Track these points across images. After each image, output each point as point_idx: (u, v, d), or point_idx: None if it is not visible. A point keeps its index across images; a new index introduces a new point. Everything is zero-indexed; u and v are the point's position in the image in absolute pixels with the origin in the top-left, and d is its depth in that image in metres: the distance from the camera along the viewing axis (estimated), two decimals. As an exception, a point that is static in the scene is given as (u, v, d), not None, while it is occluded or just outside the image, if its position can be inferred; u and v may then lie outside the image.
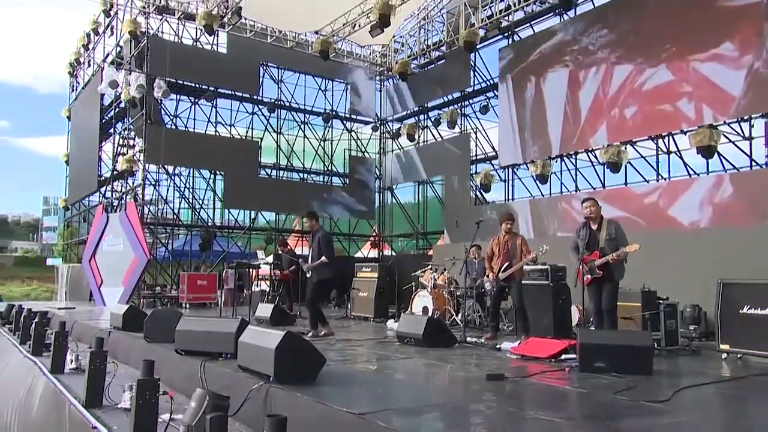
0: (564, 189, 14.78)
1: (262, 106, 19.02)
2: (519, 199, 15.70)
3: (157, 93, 15.65)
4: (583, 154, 14.13)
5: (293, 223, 20.84)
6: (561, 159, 14.57)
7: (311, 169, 20.23)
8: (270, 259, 13.14)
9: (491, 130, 17.18)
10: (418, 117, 19.48)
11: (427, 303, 9.68)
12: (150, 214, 17.36)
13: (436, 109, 18.78)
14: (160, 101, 16.84)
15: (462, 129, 17.83)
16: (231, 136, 18.57)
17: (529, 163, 14.89)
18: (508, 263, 7.64)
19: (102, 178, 18.79)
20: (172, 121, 17.75)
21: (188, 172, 18.58)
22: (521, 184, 16.05)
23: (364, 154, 21.12)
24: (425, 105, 19.04)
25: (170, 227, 18.18)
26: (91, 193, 20.28)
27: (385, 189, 20.74)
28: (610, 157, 12.76)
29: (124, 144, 18.35)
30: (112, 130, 19.21)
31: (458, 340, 7.04)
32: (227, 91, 18.33)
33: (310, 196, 19.37)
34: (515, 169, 16.11)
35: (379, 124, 20.75)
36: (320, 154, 20.37)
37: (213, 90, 17.67)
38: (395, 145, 20.24)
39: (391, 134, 20.30)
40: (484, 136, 17.53)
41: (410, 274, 11.03)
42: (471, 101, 17.78)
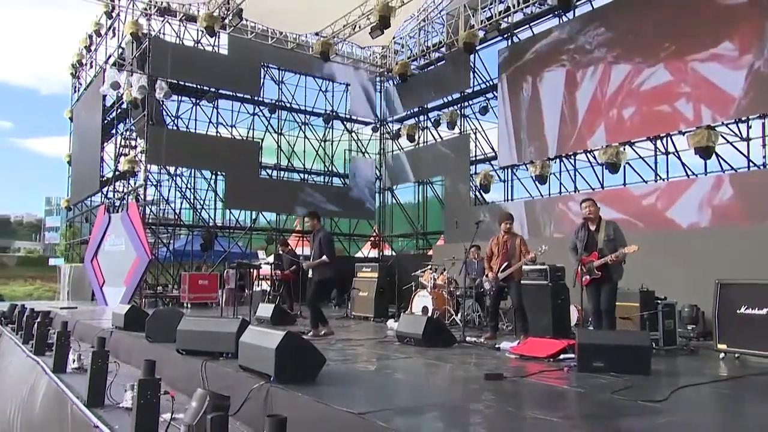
0: (563, 190, 14.78)
1: (263, 107, 19.03)
2: (518, 200, 15.71)
3: (158, 94, 15.68)
4: (582, 155, 14.11)
5: (294, 224, 20.89)
6: (560, 160, 14.56)
7: (312, 170, 20.27)
8: (271, 259, 13.17)
9: (491, 131, 17.24)
10: (418, 118, 19.49)
11: (427, 303, 9.71)
12: (151, 215, 17.40)
13: (435, 110, 18.78)
14: (161, 102, 16.86)
15: (461, 130, 17.85)
16: (232, 136, 18.59)
17: (528, 163, 14.90)
18: (507, 263, 7.66)
19: (104, 178, 18.85)
20: (174, 122, 17.77)
21: (189, 173, 18.59)
22: (521, 185, 16.11)
23: (364, 155, 21.16)
24: (425, 106, 19.04)
25: (172, 227, 18.19)
26: (93, 194, 20.39)
27: (385, 189, 20.74)
28: (609, 158, 12.75)
29: (126, 145, 18.41)
30: (114, 130, 19.32)
31: (457, 340, 7.06)
32: (228, 92, 18.34)
33: (311, 196, 19.40)
34: (514, 170, 16.12)
35: (379, 125, 20.76)
36: (321, 154, 20.39)
37: (214, 91, 17.68)
38: (395, 146, 20.26)
39: (391, 135, 20.30)
40: (483, 137, 17.59)
41: (410, 274, 11.07)
42: (470, 102, 17.81)
